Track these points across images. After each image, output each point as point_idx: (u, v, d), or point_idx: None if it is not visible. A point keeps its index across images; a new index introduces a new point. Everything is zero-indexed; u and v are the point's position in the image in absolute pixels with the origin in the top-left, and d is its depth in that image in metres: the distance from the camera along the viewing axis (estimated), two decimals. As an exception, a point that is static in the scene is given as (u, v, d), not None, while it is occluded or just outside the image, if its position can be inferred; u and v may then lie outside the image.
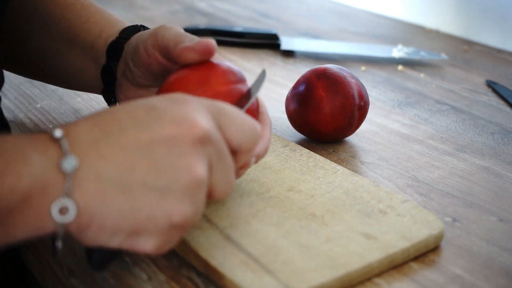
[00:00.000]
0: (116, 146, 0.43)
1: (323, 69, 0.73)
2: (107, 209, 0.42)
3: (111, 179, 0.42)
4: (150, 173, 0.43)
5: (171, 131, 0.43)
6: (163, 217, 0.43)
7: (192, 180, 0.43)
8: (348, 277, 0.50)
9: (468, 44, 1.19)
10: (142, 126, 0.43)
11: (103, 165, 0.42)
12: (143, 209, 0.43)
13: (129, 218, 0.42)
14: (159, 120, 0.44)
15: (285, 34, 1.19)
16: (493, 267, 0.54)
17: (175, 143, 0.43)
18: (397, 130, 0.80)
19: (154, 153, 0.43)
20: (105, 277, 0.51)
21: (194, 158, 0.44)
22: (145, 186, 0.42)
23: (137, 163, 0.42)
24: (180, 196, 0.43)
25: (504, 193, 0.66)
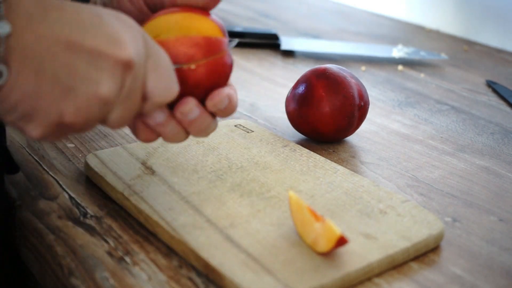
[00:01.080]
0: (48, 32, 0.44)
1: (323, 69, 0.73)
2: (14, 85, 0.43)
3: (31, 60, 0.43)
4: (65, 70, 0.44)
5: (100, 46, 0.45)
6: (56, 114, 0.45)
7: (95, 95, 0.45)
8: (348, 277, 0.50)
9: (468, 44, 1.19)
10: (79, 28, 0.45)
11: (30, 44, 0.43)
12: (43, 98, 0.44)
13: (28, 101, 0.44)
14: (98, 30, 0.45)
15: (285, 34, 1.19)
16: (493, 267, 0.54)
17: (99, 57, 0.45)
18: (397, 130, 0.80)
19: (77, 57, 0.44)
20: (105, 277, 0.51)
21: (107, 76, 0.45)
22: (56, 79, 0.44)
23: (59, 56, 0.44)
24: (78, 103, 0.45)
25: (504, 193, 0.66)
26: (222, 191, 0.60)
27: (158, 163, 0.65)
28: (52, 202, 0.61)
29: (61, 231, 0.57)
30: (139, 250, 0.55)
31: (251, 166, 0.65)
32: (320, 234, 0.51)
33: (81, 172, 0.66)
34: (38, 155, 0.69)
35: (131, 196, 0.59)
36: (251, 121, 0.77)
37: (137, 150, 0.67)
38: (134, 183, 0.61)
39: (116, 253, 0.54)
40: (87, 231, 0.57)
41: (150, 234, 0.57)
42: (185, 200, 0.58)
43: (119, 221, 0.59)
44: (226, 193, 0.60)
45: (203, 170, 0.64)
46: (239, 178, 0.62)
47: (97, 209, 0.60)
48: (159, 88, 0.49)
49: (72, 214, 0.60)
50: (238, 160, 0.66)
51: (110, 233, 0.57)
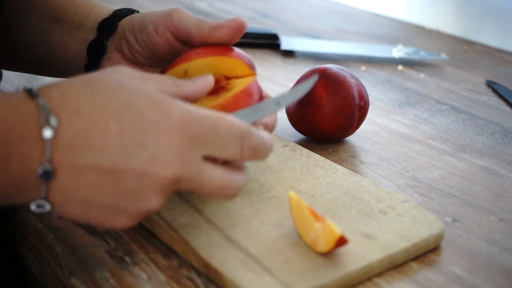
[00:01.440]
0: (91, 164, 0.45)
1: (323, 69, 0.73)
2: (61, 214, 0.47)
3: (76, 194, 0.45)
4: (112, 196, 0.46)
5: (146, 168, 0.46)
6: (109, 227, 0.48)
7: (147, 210, 0.47)
8: (348, 277, 0.50)
9: (468, 44, 1.19)
10: (124, 154, 0.45)
11: (74, 179, 0.45)
12: (94, 220, 0.47)
13: (80, 219, 0.47)
14: (142, 152, 0.45)
15: (285, 34, 1.19)
16: (493, 267, 0.54)
17: (145, 178, 0.46)
18: (397, 130, 0.80)
19: (123, 181, 0.45)
20: (105, 277, 0.51)
21: (156, 194, 0.47)
22: (103, 206, 0.46)
23: (104, 185, 0.45)
24: (132, 218, 0.47)
25: (504, 193, 0.66)
26: (222, 191, 0.60)
27: (158, 163, 0.65)
28: (52, 202, 0.61)
29: (61, 231, 0.57)
30: (139, 250, 0.55)
31: (251, 166, 0.65)
32: (320, 234, 0.51)
33: (81, 172, 0.66)
34: (38, 155, 0.69)
35: (131, 196, 0.59)
36: (251, 121, 0.77)
37: (137, 150, 0.67)
38: (134, 183, 0.61)
39: (116, 253, 0.54)
40: (87, 231, 0.57)
41: (150, 234, 0.57)
42: (185, 200, 0.58)
43: (119, 221, 0.59)
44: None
45: (203, 170, 0.64)
46: (239, 178, 0.62)
47: (97, 209, 0.60)
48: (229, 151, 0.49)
49: (72, 214, 0.59)
50: (238, 160, 0.66)
51: (110, 233, 0.57)
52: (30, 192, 0.45)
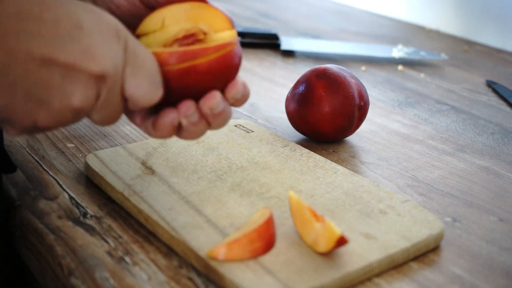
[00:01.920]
0: (23, 48, 0.44)
1: (323, 69, 0.73)
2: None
3: (3, 76, 0.44)
4: (39, 85, 0.45)
5: (76, 60, 0.45)
6: (30, 122, 0.46)
7: (68, 106, 0.46)
8: (348, 277, 0.50)
9: (468, 44, 1.19)
10: (55, 44, 0.45)
11: (3, 60, 0.43)
12: (16, 111, 0.45)
13: (1, 112, 0.45)
14: (73, 45, 0.45)
15: (285, 34, 1.19)
16: (493, 267, 0.54)
17: (72, 71, 0.45)
18: (397, 130, 0.80)
19: (51, 72, 0.45)
20: (105, 277, 0.51)
21: (81, 88, 0.46)
22: (29, 94, 0.45)
23: (33, 72, 0.44)
24: (52, 113, 0.46)
25: (504, 193, 0.66)
26: (222, 191, 0.60)
27: (158, 163, 0.65)
28: (52, 202, 0.61)
29: (61, 231, 0.57)
30: (139, 250, 0.55)
31: (251, 166, 0.65)
32: (320, 234, 0.51)
33: (81, 172, 0.66)
34: (38, 155, 0.69)
35: (131, 196, 0.59)
36: (251, 121, 0.77)
37: (137, 150, 0.67)
38: (134, 183, 0.61)
39: (116, 253, 0.54)
40: (87, 231, 0.57)
41: (150, 234, 0.57)
42: (185, 200, 0.58)
43: (119, 221, 0.59)
44: (226, 193, 0.60)
45: (203, 170, 0.64)
46: (239, 178, 0.62)
47: (97, 209, 0.60)
48: (139, 93, 0.49)
49: (72, 214, 0.60)
50: (238, 160, 0.66)
51: (110, 233, 0.57)
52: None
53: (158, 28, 0.52)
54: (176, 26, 0.51)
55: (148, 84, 0.49)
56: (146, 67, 0.49)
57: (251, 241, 0.51)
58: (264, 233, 0.52)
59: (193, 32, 0.52)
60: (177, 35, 0.51)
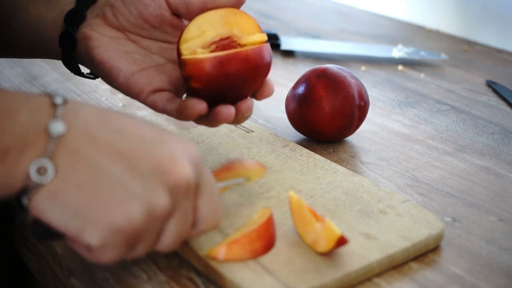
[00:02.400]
0: (107, 139, 0.43)
1: (323, 69, 0.73)
2: (72, 186, 0.42)
3: (88, 162, 0.42)
4: (124, 177, 0.43)
5: (162, 162, 0.44)
6: (111, 217, 0.42)
7: (155, 206, 0.43)
8: (348, 277, 0.50)
9: (468, 44, 1.19)
10: (139, 143, 0.44)
11: (87, 146, 0.42)
12: (98, 198, 0.42)
13: (83, 198, 0.42)
14: (158, 147, 0.45)
15: (285, 34, 1.19)
16: (493, 267, 0.54)
17: (158, 172, 0.44)
18: (397, 130, 0.80)
19: (139, 167, 0.43)
20: (105, 277, 0.51)
21: (165, 192, 0.44)
22: (113, 183, 0.42)
23: (117, 165, 0.43)
24: (138, 209, 0.43)
25: (504, 193, 0.66)
26: (222, 191, 0.60)
27: (158, 163, 0.64)
28: (52, 202, 0.61)
29: (61, 231, 0.57)
30: (139, 250, 0.55)
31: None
32: (320, 234, 0.51)
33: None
34: (38, 155, 0.69)
35: (131, 196, 0.59)
36: (251, 121, 0.77)
37: (137, 150, 0.67)
38: (134, 183, 0.61)
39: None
40: (87, 231, 0.57)
41: (150, 234, 0.57)
42: (185, 200, 0.58)
43: (119, 221, 0.59)
44: (226, 193, 0.60)
45: (203, 170, 0.64)
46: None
47: (97, 209, 0.60)
48: (209, 214, 0.48)
49: (72, 214, 0.59)
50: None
51: (110, 233, 0.57)
52: (36, 147, 0.41)
53: (198, 34, 0.58)
54: (213, 32, 0.58)
55: (218, 206, 0.49)
56: (216, 189, 0.49)
57: (251, 241, 0.51)
58: (264, 233, 0.52)
59: (228, 35, 0.58)
60: (214, 39, 0.58)
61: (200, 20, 0.58)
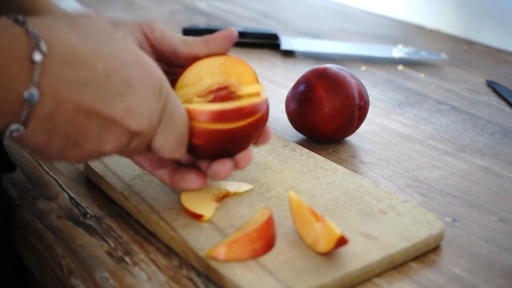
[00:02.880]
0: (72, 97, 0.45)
1: (323, 69, 0.73)
2: (26, 138, 0.46)
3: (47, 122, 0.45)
4: (78, 132, 0.46)
5: (118, 116, 0.47)
6: (61, 158, 0.48)
7: (99, 151, 0.48)
8: (348, 277, 0.50)
9: (468, 44, 1.19)
10: (103, 97, 0.46)
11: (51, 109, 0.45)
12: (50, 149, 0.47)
13: (37, 148, 0.47)
14: (120, 100, 0.47)
15: (285, 34, 1.19)
16: (493, 267, 0.54)
17: (112, 124, 0.47)
18: (397, 130, 0.80)
19: (93, 122, 0.47)
20: (105, 277, 0.51)
21: (117, 139, 0.48)
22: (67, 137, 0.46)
23: (75, 121, 0.46)
24: (82, 154, 0.48)
25: (504, 193, 0.66)
26: (222, 191, 0.60)
27: (158, 163, 0.64)
28: (52, 202, 0.61)
29: (61, 231, 0.57)
30: (139, 250, 0.55)
31: (251, 166, 0.65)
32: (320, 234, 0.51)
33: (81, 172, 0.66)
34: (38, 155, 0.69)
35: (131, 196, 0.59)
36: (251, 121, 0.77)
37: (137, 150, 0.67)
38: (134, 183, 0.61)
39: (116, 253, 0.54)
40: (87, 231, 0.57)
41: (150, 234, 0.57)
42: (185, 200, 0.58)
43: (119, 221, 0.59)
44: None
45: (203, 170, 0.64)
46: (239, 178, 0.62)
47: (97, 209, 0.60)
48: (164, 149, 0.52)
49: (72, 214, 0.60)
50: (238, 160, 0.66)
51: (110, 233, 0.57)
52: (12, 114, 0.44)
53: (194, 81, 0.56)
54: (210, 79, 0.55)
55: (175, 142, 0.52)
56: (177, 127, 0.51)
57: (251, 241, 0.51)
58: (264, 233, 0.52)
59: (226, 85, 0.56)
60: (211, 87, 0.55)
61: (199, 66, 0.55)
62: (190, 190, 0.57)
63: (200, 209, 0.56)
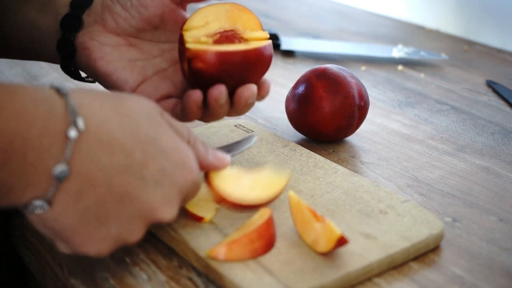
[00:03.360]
0: (107, 178, 0.44)
1: (323, 69, 0.72)
2: (63, 217, 0.44)
3: (82, 202, 0.44)
4: (112, 218, 0.45)
5: (153, 207, 0.46)
6: (85, 251, 0.46)
7: (129, 241, 0.47)
8: (348, 277, 0.50)
9: (468, 44, 1.19)
10: (141, 183, 0.45)
11: (86, 191, 0.43)
12: (78, 235, 0.45)
13: (64, 233, 0.45)
14: (156, 190, 0.46)
15: (285, 34, 1.19)
16: (493, 267, 0.54)
17: (146, 214, 0.46)
18: (397, 130, 0.80)
19: (124, 208, 0.45)
20: (105, 277, 0.51)
21: (144, 229, 0.47)
22: (97, 224, 0.45)
23: (109, 206, 0.44)
24: (111, 246, 0.47)
25: (504, 193, 0.66)
26: (222, 191, 0.60)
27: (158, 163, 0.64)
28: (52, 202, 0.61)
29: (61, 231, 0.57)
30: (139, 250, 0.55)
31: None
32: (320, 234, 0.51)
33: (81, 172, 0.66)
34: (38, 155, 0.69)
35: (131, 196, 0.59)
36: (251, 121, 0.77)
37: (137, 150, 0.67)
38: (134, 183, 0.61)
39: (116, 253, 0.54)
40: (87, 231, 0.57)
41: (150, 234, 0.57)
42: (185, 200, 0.58)
43: (119, 221, 0.59)
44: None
45: (203, 170, 0.64)
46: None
47: (97, 209, 0.60)
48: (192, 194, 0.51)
49: (72, 214, 0.59)
50: (238, 160, 0.66)
51: (110, 233, 0.57)
52: (38, 189, 0.42)
53: (202, 24, 0.59)
54: (218, 24, 0.59)
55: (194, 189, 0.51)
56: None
57: (251, 241, 0.51)
58: (264, 233, 0.52)
59: (232, 29, 0.59)
60: (218, 30, 0.59)
61: (205, 11, 0.59)
62: (193, 103, 0.58)
63: (201, 211, 0.55)
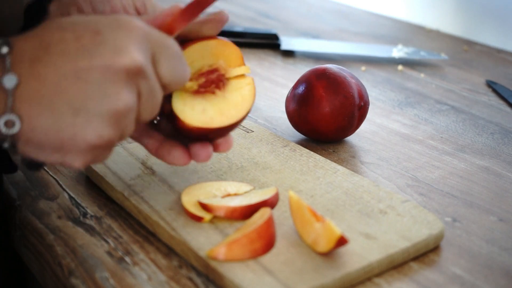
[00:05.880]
0: (53, 68, 0.44)
1: (323, 69, 0.73)
2: (32, 128, 0.44)
3: (43, 100, 0.44)
4: (80, 97, 0.45)
5: (109, 60, 0.45)
6: (84, 139, 0.45)
7: (118, 107, 0.46)
8: (348, 277, 0.50)
9: (468, 44, 1.19)
10: (84, 52, 0.45)
11: (38, 86, 0.44)
12: (66, 130, 0.45)
13: (52, 137, 0.45)
14: (101, 47, 0.45)
15: (285, 34, 1.19)
16: (493, 267, 0.54)
17: (109, 71, 0.45)
18: (397, 130, 0.80)
19: (88, 79, 0.45)
20: (105, 277, 0.51)
21: (123, 86, 0.46)
22: (73, 109, 0.45)
23: (69, 87, 0.44)
24: (105, 121, 0.46)
25: (504, 193, 0.66)
26: (222, 191, 0.60)
27: (158, 163, 0.65)
28: (52, 202, 0.61)
29: (61, 231, 0.57)
30: (139, 250, 0.55)
31: (251, 166, 0.65)
32: (320, 234, 0.51)
33: (81, 172, 0.66)
34: (38, 155, 0.69)
35: (131, 196, 0.59)
36: (251, 121, 0.77)
37: (137, 150, 0.67)
38: (134, 183, 0.61)
39: (116, 253, 0.54)
40: (87, 231, 0.57)
41: (150, 234, 0.57)
42: (185, 200, 0.58)
43: (119, 221, 0.59)
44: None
45: (203, 170, 0.64)
46: (239, 178, 0.62)
47: (97, 209, 0.60)
48: (175, 74, 0.50)
49: (72, 214, 0.60)
50: (238, 160, 0.66)
51: (110, 233, 0.57)
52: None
53: (188, 63, 0.56)
54: (201, 61, 0.56)
55: (180, 64, 0.50)
56: (172, 50, 0.49)
57: (251, 241, 0.51)
58: (264, 233, 0.52)
59: (215, 67, 0.57)
60: (202, 69, 0.56)
61: (191, 50, 0.56)
62: (173, 165, 0.56)
63: (201, 211, 0.55)
